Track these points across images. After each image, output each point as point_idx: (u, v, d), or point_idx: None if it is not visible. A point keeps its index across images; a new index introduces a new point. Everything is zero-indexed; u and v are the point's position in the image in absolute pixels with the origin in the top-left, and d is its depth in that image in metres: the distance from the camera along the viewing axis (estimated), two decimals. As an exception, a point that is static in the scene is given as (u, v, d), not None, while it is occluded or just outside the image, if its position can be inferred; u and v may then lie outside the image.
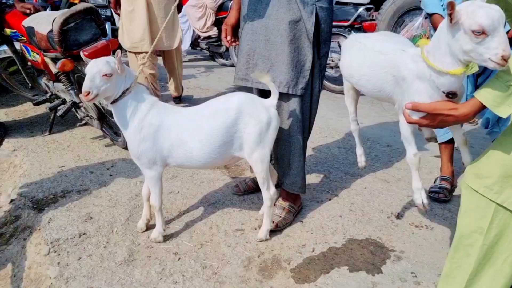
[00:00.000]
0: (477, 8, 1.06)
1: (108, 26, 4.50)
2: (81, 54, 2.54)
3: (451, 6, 1.10)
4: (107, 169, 2.84)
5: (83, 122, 3.41)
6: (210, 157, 1.86)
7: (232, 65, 6.27)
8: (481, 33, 1.05)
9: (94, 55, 2.52)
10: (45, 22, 2.75)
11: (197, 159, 1.87)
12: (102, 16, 4.48)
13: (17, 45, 3.43)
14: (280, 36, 1.91)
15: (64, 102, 3.21)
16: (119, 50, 1.75)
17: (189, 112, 1.91)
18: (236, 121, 1.81)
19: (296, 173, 2.12)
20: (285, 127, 2.03)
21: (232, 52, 6.01)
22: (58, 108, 3.22)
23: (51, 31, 2.62)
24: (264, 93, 2.02)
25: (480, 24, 1.05)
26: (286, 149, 2.08)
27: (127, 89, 1.81)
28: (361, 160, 2.17)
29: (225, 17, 6.18)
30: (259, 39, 1.97)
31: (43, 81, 3.33)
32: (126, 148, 2.92)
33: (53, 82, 3.19)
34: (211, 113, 1.84)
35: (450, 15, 1.12)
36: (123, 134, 1.90)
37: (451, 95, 1.25)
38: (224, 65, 6.43)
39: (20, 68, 3.54)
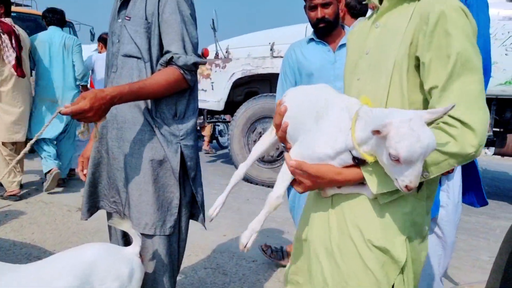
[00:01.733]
0: (407, 134, 0.92)
1: None
2: None
3: (376, 132, 0.94)
4: None
5: None
6: (56, 326, 1.52)
7: None
8: (396, 159, 0.94)
9: None
10: None
11: (39, 331, 1.51)
12: None
13: None
14: (143, 176, 1.79)
15: None
16: None
17: (30, 270, 1.57)
18: (91, 278, 1.55)
19: (164, 321, 1.88)
20: (150, 271, 1.82)
21: None
22: None
23: None
24: None
25: (398, 154, 0.93)
26: (152, 296, 1.85)
27: None
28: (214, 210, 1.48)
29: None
30: (120, 177, 1.84)
31: None
32: None
33: None
34: (59, 270, 1.54)
35: (377, 132, 0.95)
36: None
37: (357, 161, 1.07)
38: None
39: None
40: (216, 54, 6.11)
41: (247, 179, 5.77)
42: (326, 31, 2.30)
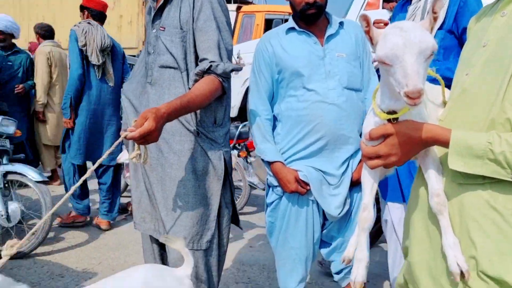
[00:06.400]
0: (388, 32, 0.89)
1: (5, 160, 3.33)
2: None
3: (365, 22, 0.91)
4: None
5: None
6: None
7: None
8: (383, 62, 0.88)
9: None
10: None
11: None
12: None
13: None
14: (183, 187, 1.73)
15: None
16: None
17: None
18: (143, 303, 1.43)
19: None
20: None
21: None
22: None
23: None
24: None
25: (379, 54, 0.88)
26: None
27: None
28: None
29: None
30: (158, 190, 1.76)
31: None
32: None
33: None
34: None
35: (367, 32, 0.93)
36: None
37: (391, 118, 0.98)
38: None
39: None
40: (228, 59, 6.00)
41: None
42: (315, 19, 1.85)
